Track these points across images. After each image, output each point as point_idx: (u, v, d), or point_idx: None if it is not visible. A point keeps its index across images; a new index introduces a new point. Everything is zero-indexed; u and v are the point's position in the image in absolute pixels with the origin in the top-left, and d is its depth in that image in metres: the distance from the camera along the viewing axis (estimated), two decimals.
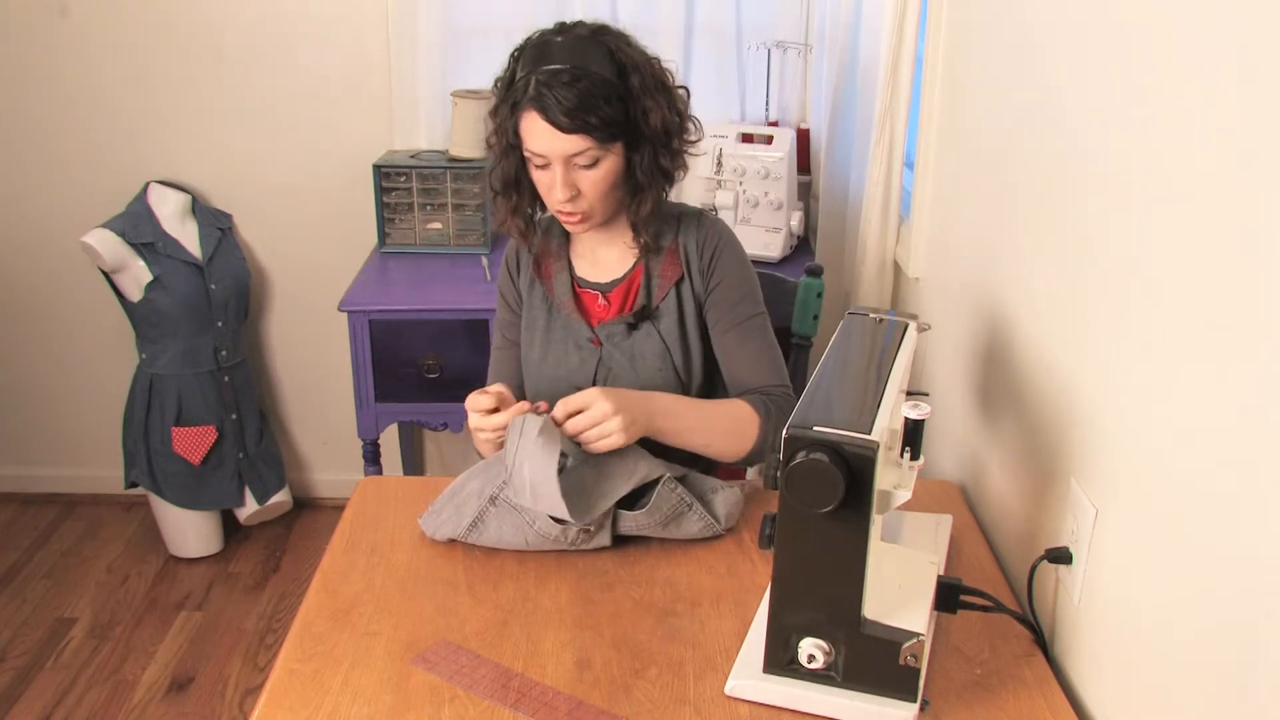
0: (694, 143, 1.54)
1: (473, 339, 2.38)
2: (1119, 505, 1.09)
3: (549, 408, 1.38)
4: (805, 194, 2.70)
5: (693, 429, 1.48)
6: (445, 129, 2.68)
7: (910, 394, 1.20)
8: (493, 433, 1.39)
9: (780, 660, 1.13)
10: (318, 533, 2.99)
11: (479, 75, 2.69)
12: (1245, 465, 0.86)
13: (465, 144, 2.58)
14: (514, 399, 1.43)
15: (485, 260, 2.58)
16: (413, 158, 2.62)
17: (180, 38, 2.69)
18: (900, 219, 2.20)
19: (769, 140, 2.47)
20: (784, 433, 1.05)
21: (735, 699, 1.14)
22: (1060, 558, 1.20)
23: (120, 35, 2.68)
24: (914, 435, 1.14)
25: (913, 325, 1.32)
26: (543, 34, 1.47)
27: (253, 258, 2.90)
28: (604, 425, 1.35)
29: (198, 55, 2.70)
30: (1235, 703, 0.88)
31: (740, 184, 2.50)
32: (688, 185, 2.72)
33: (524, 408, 1.38)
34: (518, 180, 1.51)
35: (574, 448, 1.39)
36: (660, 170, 1.49)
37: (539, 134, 1.41)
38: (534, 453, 1.30)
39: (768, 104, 2.69)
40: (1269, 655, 0.83)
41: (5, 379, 3.03)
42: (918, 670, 1.08)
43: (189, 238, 2.71)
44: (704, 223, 1.58)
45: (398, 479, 1.68)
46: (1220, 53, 0.90)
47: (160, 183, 2.74)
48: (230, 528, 2.95)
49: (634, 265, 1.58)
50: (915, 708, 1.09)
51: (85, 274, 2.82)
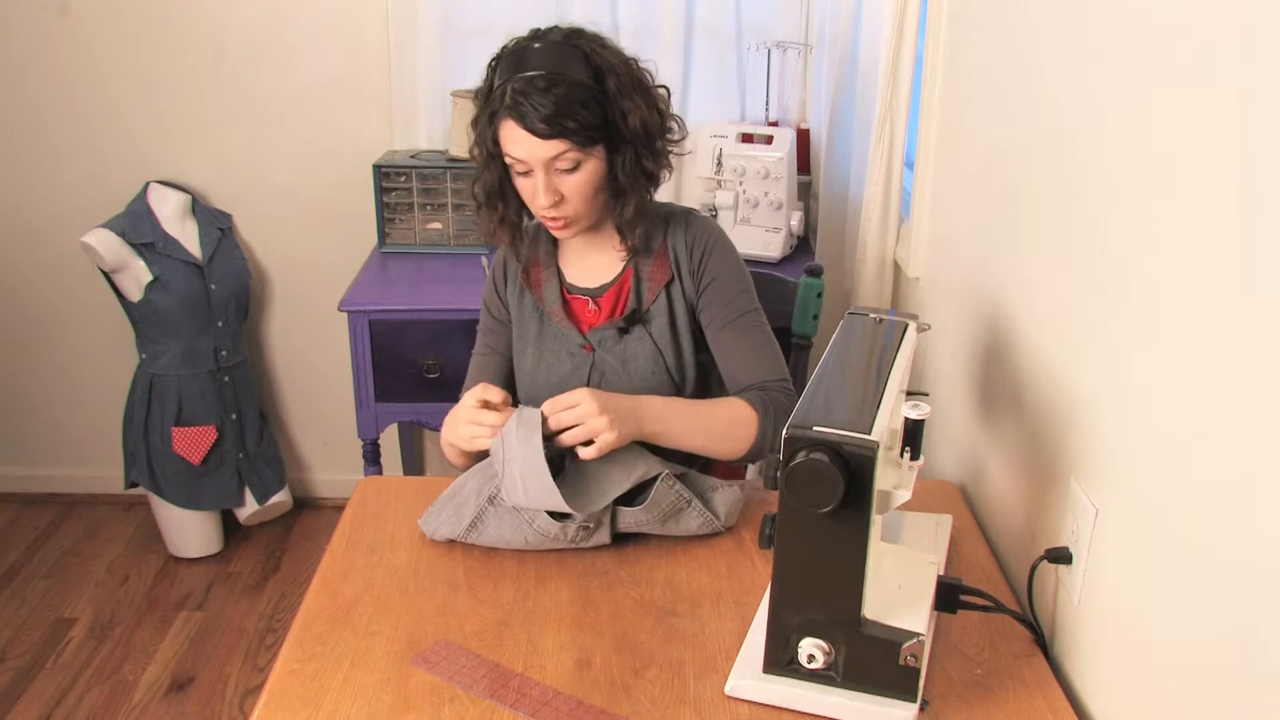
0: (677, 142, 1.53)
1: (473, 339, 2.36)
2: (1119, 505, 1.09)
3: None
4: (805, 194, 2.70)
5: (688, 431, 1.47)
6: (445, 129, 2.68)
7: (910, 394, 1.20)
8: (484, 428, 1.38)
9: (780, 660, 1.13)
10: (318, 533, 2.99)
11: (479, 75, 2.67)
12: (1245, 465, 0.86)
13: (465, 144, 2.54)
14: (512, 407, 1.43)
15: (485, 260, 2.58)
16: (413, 158, 2.62)
17: (180, 38, 2.69)
18: (900, 219, 2.20)
19: (769, 140, 2.47)
20: (784, 433, 1.05)
21: (735, 699, 1.14)
22: (1060, 558, 1.20)
23: (120, 35, 2.68)
24: (914, 435, 1.14)
25: (913, 325, 1.32)
26: (518, 41, 1.48)
27: (253, 258, 2.90)
28: (591, 423, 1.34)
29: (198, 55, 2.70)
30: (1235, 703, 0.88)
31: (740, 184, 2.50)
32: (688, 185, 2.72)
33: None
34: (501, 189, 1.51)
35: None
36: (643, 172, 1.48)
37: (518, 141, 1.41)
38: (517, 447, 1.30)
39: (768, 104, 2.69)
40: (1269, 656, 0.83)
41: (5, 379, 3.03)
42: (918, 670, 1.08)
43: (189, 238, 2.71)
44: (692, 222, 1.58)
45: (398, 479, 1.68)
46: (1221, 52, 0.90)
47: (160, 183, 2.74)
48: (230, 528, 2.95)
49: (623, 269, 1.58)
50: (915, 708, 1.09)
51: (85, 274, 2.82)
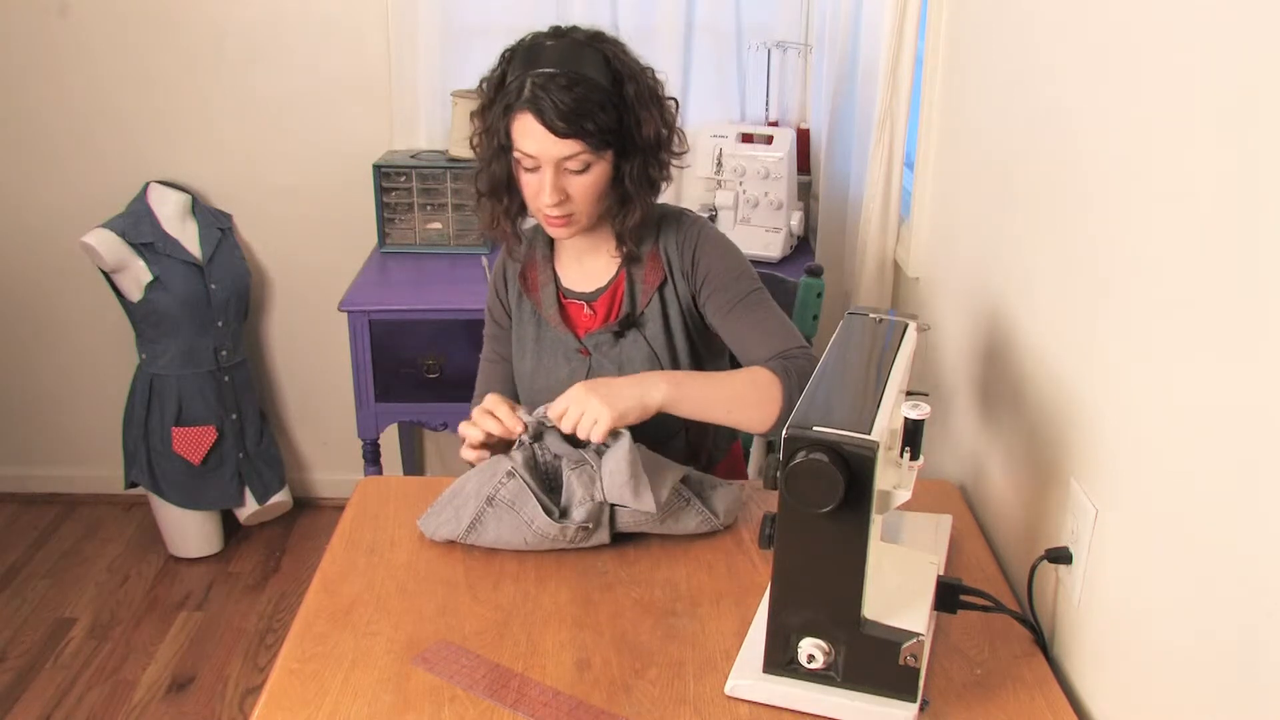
0: (680, 155, 1.54)
1: (473, 339, 2.36)
2: (1119, 505, 1.09)
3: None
4: (805, 194, 2.70)
5: (705, 399, 1.43)
6: (445, 129, 2.68)
7: (910, 394, 1.20)
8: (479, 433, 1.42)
9: (780, 660, 1.13)
10: (318, 533, 2.99)
11: (479, 75, 2.68)
12: (1246, 465, 0.86)
13: (465, 144, 2.55)
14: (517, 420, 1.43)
15: (485, 260, 2.58)
16: (413, 158, 2.62)
17: (180, 38, 2.69)
18: (900, 219, 2.20)
19: (769, 140, 2.47)
20: (784, 433, 1.05)
21: (735, 699, 1.14)
22: (1060, 558, 1.20)
23: (120, 35, 2.68)
24: (914, 435, 1.14)
25: (913, 325, 1.32)
26: (536, 36, 1.47)
27: (253, 258, 2.90)
28: (588, 410, 1.34)
29: (198, 55, 2.70)
30: (1235, 703, 0.88)
31: (740, 184, 2.50)
32: (688, 185, 2.72)
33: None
34: (506, 182, 1.50)
35: (568, 448, 1.40)
36: (648, 180, 1.49)
37: (532, 136, 1.40)
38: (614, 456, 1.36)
39: (768, 104, 2.69)
40: (1269, 655, 0.83)
41: (5, 379, 3.03)
42: (918, 670, 1.08)
43: (189, 238, 2.71)
44: (683, 223, 1.57)
45: (398, 479, 1.68)
46: (1221, 52, 0.90)
47: (160, 183, 2.74)
48: (230, 528, 2.95)
49: (617, 272, 1.58)
50: (915, 708, 1.09)
51: (85, 274, 2.82)
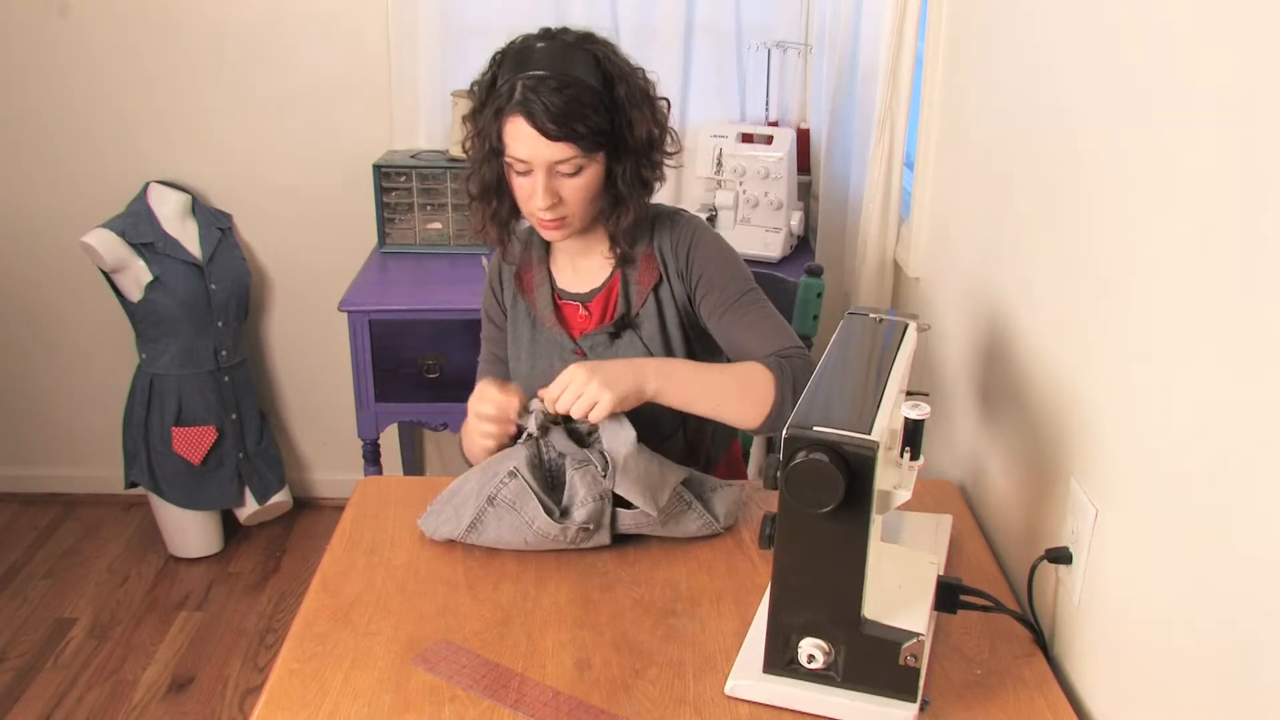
0: (672, 155, 1.53)
1: (473, 339, 2.36)
2: (1119, 505, 1.09)
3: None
4: (805, 194, 2.70)
5: (695, 390, 1.42)
6: (445, 129, 2.68)
7: (910, 394, 1.20)
8: (493, 425, 1.41)
9: (780, 660, 1.13)
10: (318, 533, 2.99)
11: (479, 75, 2.68)
12: (1246, 465, 0.86)
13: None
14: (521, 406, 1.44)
15: (485, 260, 2.57)
16: (413, 158, 2.62)
17: (180, 38, 2.69)
18: (900, 219, 2.20)
19: (769, 140, 2.47)
20: (784, 433, 1.05)
21: (735, 699, 1.14)
22: (1060, 558, 1.20)
23: (120, 35, 2.68)
24: (914, 435, 1.14)
25: (913, 325, 1.32)
26: (526, 39, 1.46)
27: (253, 258, 2.90)
28: (587, 392, 1.34)
29: (198, 55, 2.70)
30: (1235, 703, 0.88)
31: (740, 184, 2.50)
32: (688, 185, 2.72)
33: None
34: (497, 186, 1.50)
35: (573, 446, 1.40)
36: (641, 181, 1.48)
37: (524, 140, 1.39)
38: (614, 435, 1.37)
39: (768, 104, 2.69)
40: (1269, 656, 0.83)
41: (5, 379, 3.03)
42: (918, 670, 1.08)
43: (189, 238, 2.71)
44: (678, 223, 1.56)
45: (398, 479, 1.68)
46: (1221, 51, 0.90)
47: (160, 183, 2.74)
48: (230, 528, 2.95)
49: (611, 273, 1.57)
50: (915, 708, 1.09)
51: (85, 274, 2.82)
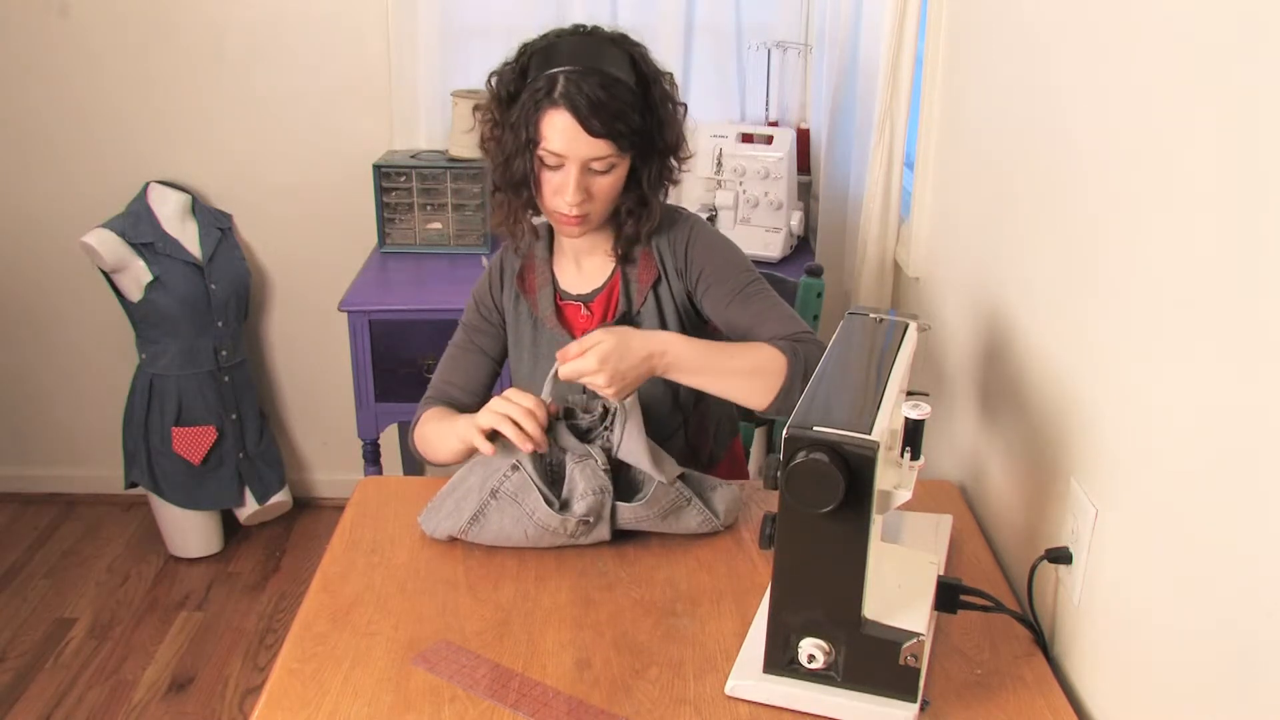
0: (685, 160, 1.54)
1: None
2: (1119, 505, 1.09)
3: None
4: (805, 194, 2.70)
5: (706, 368, 1.40)
6: (445, 129, 2.68)
7: (910, 394, 1.20)
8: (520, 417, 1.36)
9: (780, 660, 1.13)
10: (318, 533, 2.99)
11: (479, 75, 2.65)
12: (1245, 465, 0.86)
13: (465, 144, 2.57)
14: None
15: (485, 260, 2.57)
16: (413, 158, 2.62)
17: (180, 38, 2.69)
18: (900, 219, 2.20)
19: (769, 140, 2.47)
20: (784, 433, 1.05)
21: (735, 699, 1.14)
22: (1060, 558, 1.20)
23: (120, 35, 2.68)
24: (914, 435, 1.14)
25: (913, 325, 1.32)
26: (560, 33, 1.45)
27: (253, 258, 2.90)
28: (591, 381, 1.32)
29: (198, 55, 2.71)
30: (1235, 703, 0.88)
31: (740, 184, 2.50)
32: (688, 185, 2.72)
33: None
34: (527, 178, 1.47)
35: (574, 441, 1.40)
36: (662, 184, 1.50)
37: (564, 133, 1.38)
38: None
39: (768, 104, 2.69)
40: (1269, 656, 0.83)
41: (5, 379, 3.03)
42: (918, 670, 1.08)
43: (189, 238, 2.71)
44: (675, 220, 1.56)
45: (398, 479, 1.68)
46: (1221, 52, 0.90)
47: (160, 183, 2.74)
48: (230, 528, 2.95)
49: (612, 273, 1.57)
50: (915, 708, 1.09)
51: (85, 274, 2.82)
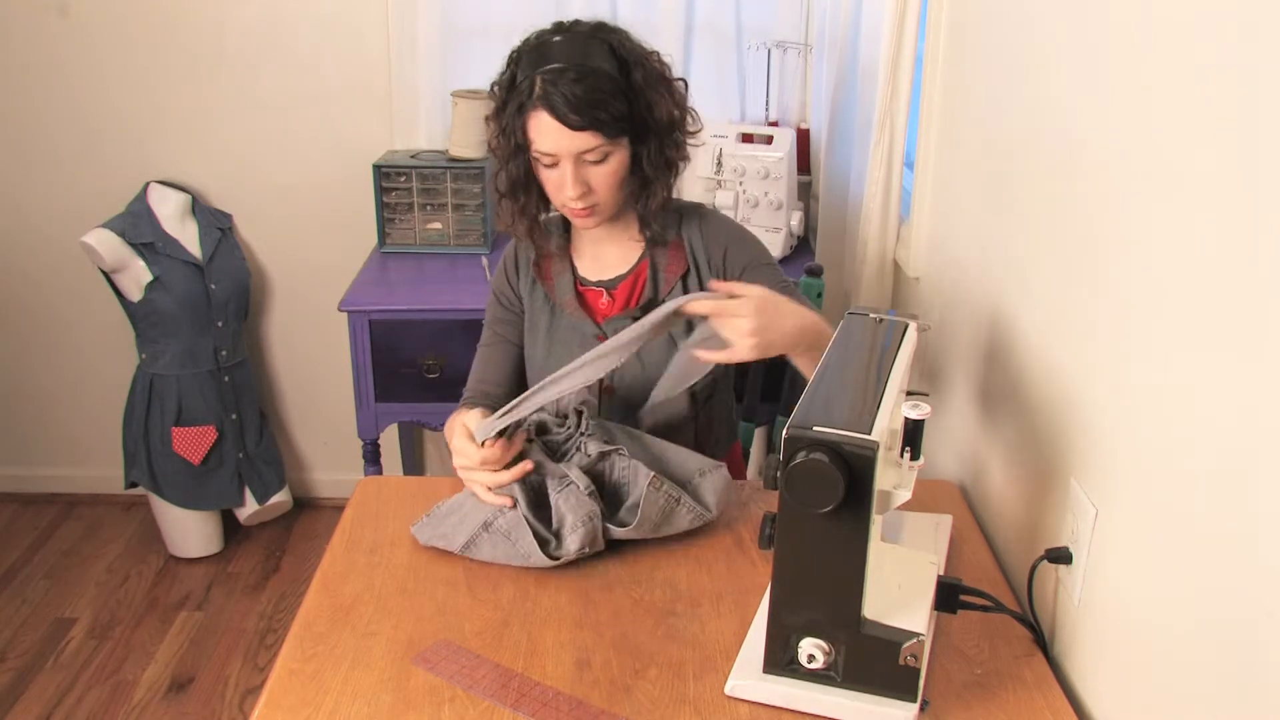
0: (694, 133, 1.56)
1: (473, 339, 2.35)
2: (1119, 505, 1.09)
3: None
4: (805, 194, 2.70)
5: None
6: (445, 129, 2.68)
7: (910, 394, 1.20)
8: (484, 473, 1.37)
9: (780, 660, 1.13)
10: (318, 533, 2.99)
11: (479, 75, 2.68)
12: (1246, 465, 0.86)
13: (465, 144, 2.58)
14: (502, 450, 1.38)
15: (485, 260, 2.58)
16: (413, 158, 2.62)
17: (181, 38, 2.69)
18: (900, 219, 2.20)
19: (769, 140, 2.47)
20: (784, 433, 1.05)
21: (735, 699, 1.14)
22: (1060, 558, 1.20)
23: (120, 35, 2.68)
24: (914, 435, 1.14)
25: (913, 325, 1.32)
26: (541, 34, 1.48)
27: (253, 258, 2.90)
28: (741, 345, 1.28)
29: (198, 55, 2.70)
30: (1235, 703, 0.88)
31: (740, 184, 2.50)
32: (688, 185, 2.72)
33: (526, 469, 1.38)
34: (525, 181, 1.51)
35: (550, 464, 1.40)
36: (666, 162, 1.51)
37: (548, 133, 1.42)
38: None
39: (768, 104, 2.69)
40: (1269, 655, 0.83)
41: (5, 379, 3.03)
42: (918, 670, 1.08)
43: (189, 238, 2.71)
44: (706, 217, 1.60)
45: (398, 479, 1.68)
46: (1220, 51, 0.90)
47: (160, 183, 2.74)
48: (230, 528, 2.95)
49: (638, 261, 1.59)
50: (915, 708, 1.09)
51: (85, 274, 2.82)
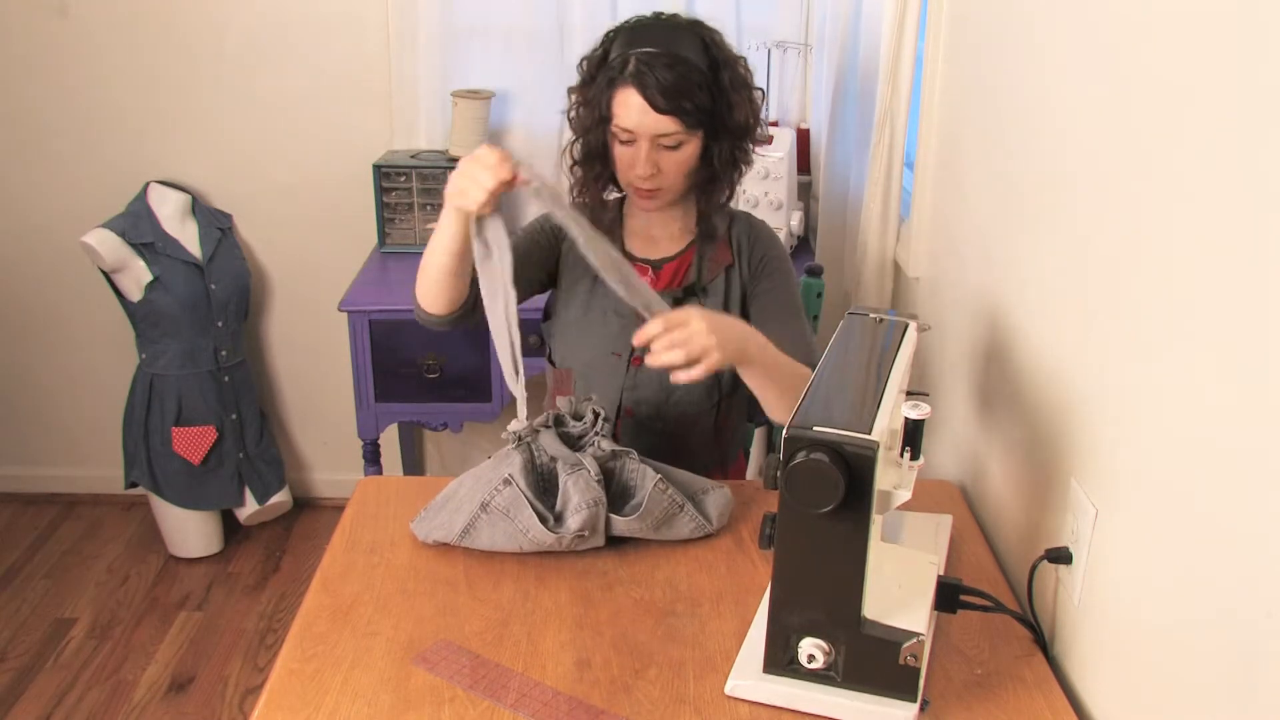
0: (762, 143, 1.63)
1: (473, 339, 2.38)
2: (1119, 505, 1.09)
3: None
4: (805, 194, 2.70)
5: (775, 371, 1.44)
6: (445, 129, 2.68)
7: (910, 394, 1.20)
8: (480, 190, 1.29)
9: (780, 660, 1.13)
10: (318, 533, 2.99)
11: (479, 75, 2.69)
12: (1245, 465, 0.86)
13: (465, 144, 2.57)
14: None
15: None
16: (413, 158, 2.62)
17: (181, 37, 2.69)
18: (900, 219, 2.20)
19: (769, 140, 2.47)
20: (784, 433, 1.05)
21: (735, 699, 1.14)
22: (1060, 558, 1.20)
23: (120, 35, 2.68)
24: (914, 435, 1.14)
25: (913, 325, 1.32)
26: (640, 18, 1.55)
27: (253, 258, 2.90)
28: (701, 341, 1.29)
29: (198, 55, 2.70)
30: (1235, 702, 0.88)
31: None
32: None
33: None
34: (602, 153, 1.57)
35: (565, 450, 1.40)
36: (734, 162, 1.58)
37: (633, 110, 1.48)
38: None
39: (767, 104, 2.69)
40: (1269, 655, 0.83)
41: (5, 379, 3.03)
42: (918, 670, 1.08)
43: (189, 238, 2.71)
44: (755, 223, 1.69)
45: (398, 479, 1.68)
46: (1220, 52, 0.90)
47: (160, 183, 2.74)
48: (230, 528, 2.95)
49: (686, 246, 1.64)
50: (915, 708, 1.09)
51: (85, 274, 2.82)
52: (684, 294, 1.61)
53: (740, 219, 1.68)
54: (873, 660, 1.09)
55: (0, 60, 2.71)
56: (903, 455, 1.16)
